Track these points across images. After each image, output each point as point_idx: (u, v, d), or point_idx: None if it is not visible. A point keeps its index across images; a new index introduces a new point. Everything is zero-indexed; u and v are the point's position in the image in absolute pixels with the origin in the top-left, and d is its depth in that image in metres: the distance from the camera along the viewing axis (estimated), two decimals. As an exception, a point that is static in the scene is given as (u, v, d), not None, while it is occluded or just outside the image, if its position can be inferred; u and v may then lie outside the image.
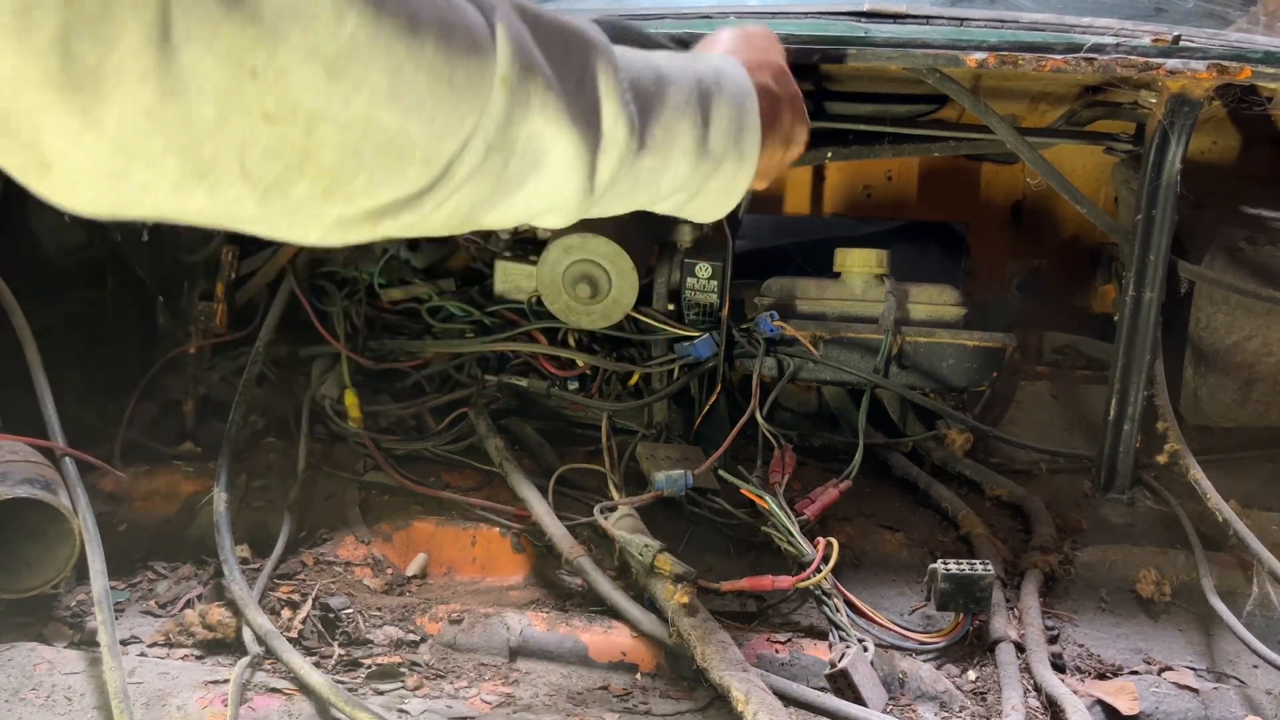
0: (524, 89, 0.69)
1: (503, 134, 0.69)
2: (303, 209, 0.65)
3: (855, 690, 1.08)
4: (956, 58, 1.35)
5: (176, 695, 1.04)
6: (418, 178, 0.66)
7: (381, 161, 0.63)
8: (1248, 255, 1.63)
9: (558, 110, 0.71)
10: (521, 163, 0.72)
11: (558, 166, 0.75)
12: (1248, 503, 1.46)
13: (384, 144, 0.62)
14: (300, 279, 1.66)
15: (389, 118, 0.62)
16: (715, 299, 1.58)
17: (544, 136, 0.72)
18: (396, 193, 0.67)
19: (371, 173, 0.64)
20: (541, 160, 0.74)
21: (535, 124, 0.70)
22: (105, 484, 1.42)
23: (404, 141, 0.63)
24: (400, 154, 0.64)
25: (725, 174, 0.89)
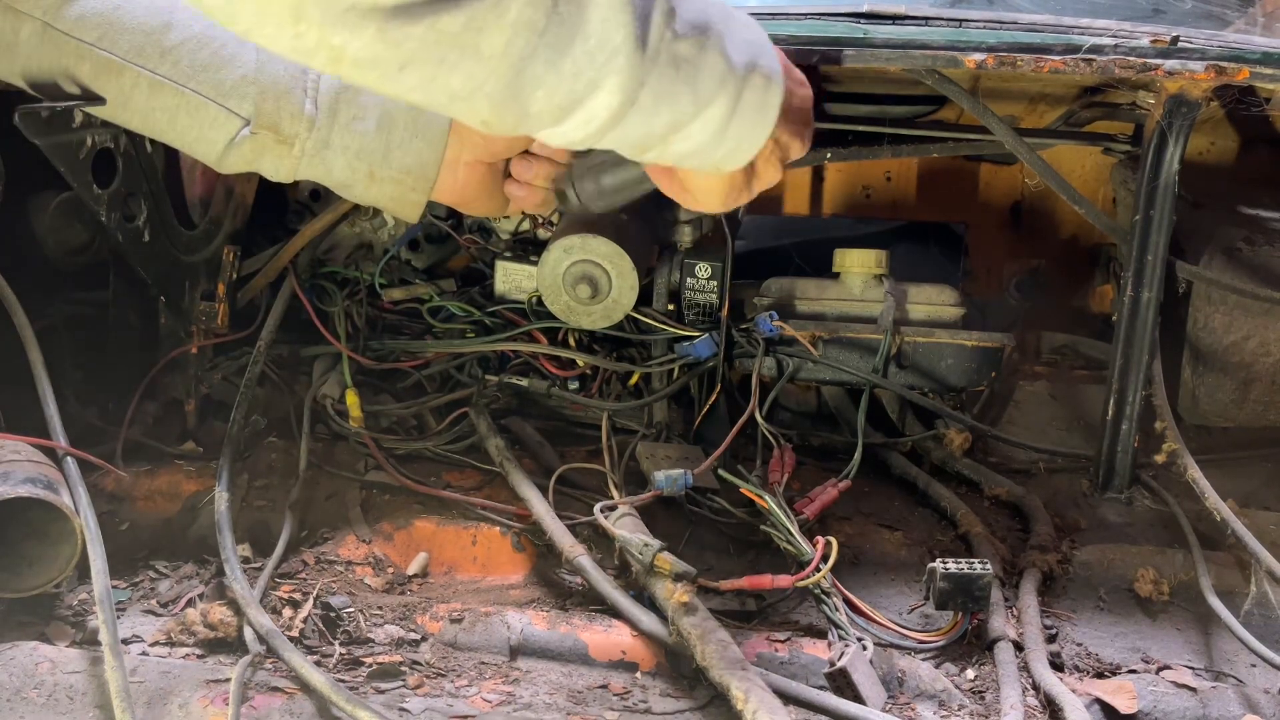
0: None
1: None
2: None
3: (854, 689, 1.08)
4: (955, 59, 1.35)
5: (178, 694, 1.05)
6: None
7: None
8: (1245, 255, 1.64)
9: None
10: (571, 3, 0.71)
11: (607, 9, 0.74)
12: (1246, 502, 1.47)
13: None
14: (302, 279, 1.66)
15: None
16: (715, 299, 1.59)
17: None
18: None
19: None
20: (589, 4, 0.73)
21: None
22: (107, 483, 1.42)
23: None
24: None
25: (756, 86, 0.88)
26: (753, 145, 0.93)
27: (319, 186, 1.71)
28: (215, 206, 1.62)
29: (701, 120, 0.87)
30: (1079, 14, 1.70)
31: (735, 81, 0.87)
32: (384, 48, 0.68)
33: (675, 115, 0.84)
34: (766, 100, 0.90)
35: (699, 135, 0.88)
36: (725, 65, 0.85)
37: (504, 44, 0.71)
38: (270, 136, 1.19)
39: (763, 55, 0.90)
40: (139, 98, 1.15)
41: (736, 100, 0.88)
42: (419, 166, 1.25)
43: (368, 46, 0.68)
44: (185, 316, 1.59)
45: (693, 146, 0.89)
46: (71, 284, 1.59)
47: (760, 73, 0.89)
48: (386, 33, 0.67)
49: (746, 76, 0.88)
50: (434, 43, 0.68)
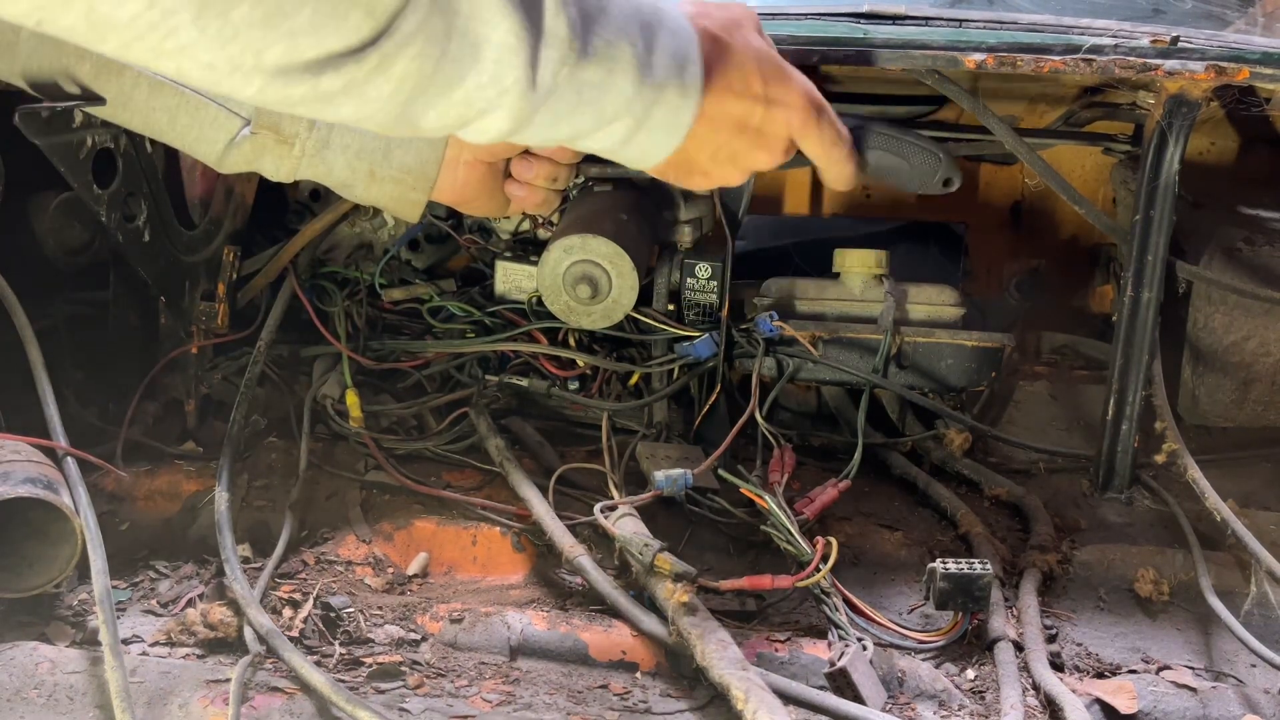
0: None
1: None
2: (242, 38, 0.64)
3: (854, 689, 1.08)
4: (955, 59, 1.35)
5: (178, 694, 1.05)
6: (360, 26, 0.67)
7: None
8: (1246, 255, 1.64)
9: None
10: (463, 44, 0.73)
11: (500, 50, 0.75)
12: (1246, 502, 1.47)
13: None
14: (302, 279, 1.66)
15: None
16: (715, 299, 1.59)
17: (487, 11, 0.73)
18: (339, 41, 0.67)
19: (315, 6, 0.64)
20: (482, 45, 0.74)
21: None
22: (107, 483, 1.42)
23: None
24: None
25: (669, 103, 0.89)
26: (660, 153, 0.94)
27: (319, 186, 1.71)
28: (215, 206, 1.62)
29: (604, 132, 0.89)
30: (1079, 14, 1.70)
31: (643, 101, 0.87)
32: (268, 99, 0.71)
33: (575, 129, 0.86)
34: (677, 117, 0.91)
35: (603, 142, 0.90)
36: (633, 89, 0.85)
37: (390, 91, 0.73)
38: (270, 136, 1.19)
39: (683, 71, 0.90)
40: (139, 97, 1.15)
41: (644, 117, 0.89)
42: (419, 166, 1.25)
43: (252, 98, 0.70)
44: (185, 316, 1.59)
45: (598, 148, 0.92)
46: (71, 284, 1.59)
47: (674, 88, 0.89)
48: (268, 91, 0.69)
49: (658, 95, 0.88)
50: (316, 97, 0.71)
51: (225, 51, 0.66)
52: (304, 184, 1.72)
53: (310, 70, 0.69)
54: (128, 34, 0.64)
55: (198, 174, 1.61)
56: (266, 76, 0.68)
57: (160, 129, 1.19)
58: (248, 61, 0.67)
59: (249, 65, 0.67)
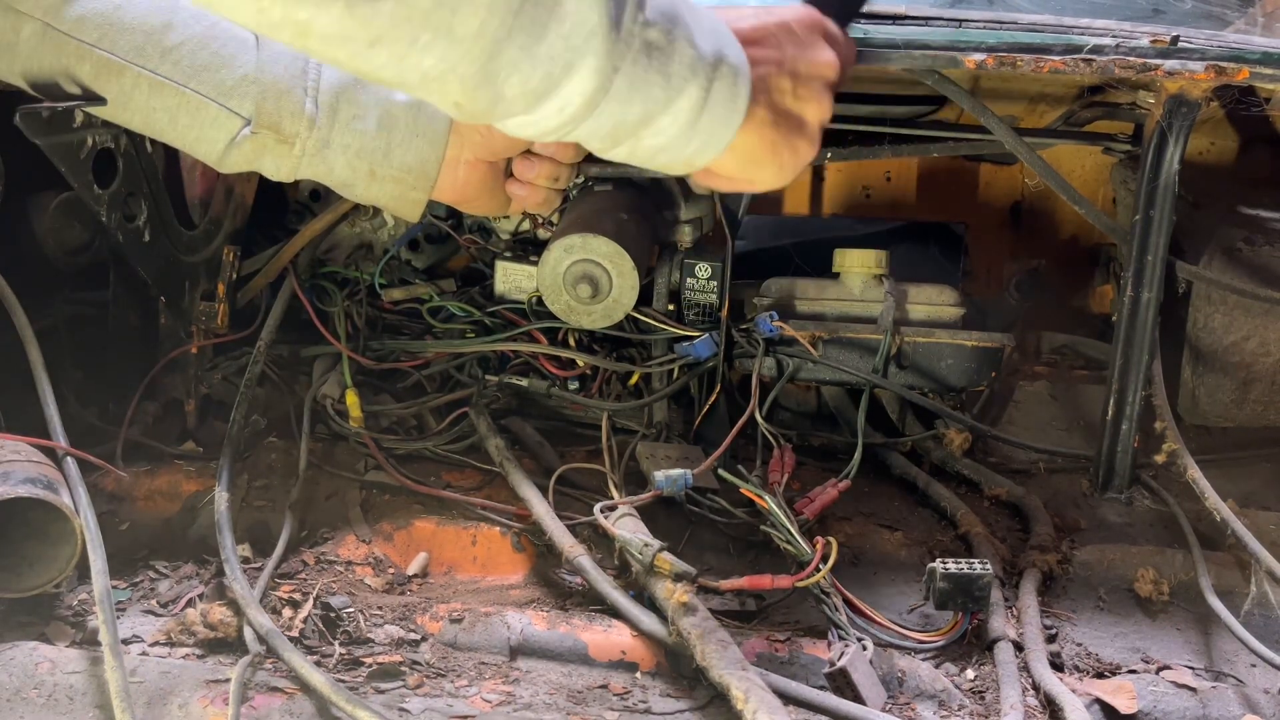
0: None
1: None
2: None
3: (854, 689, 1.08)
4: (955, 59, 1.35)
5: (178, 694, 1.05)
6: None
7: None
8: (1245, 255, 1.64)
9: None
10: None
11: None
12: (1246, 502, 1.47)
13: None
14: (302, 279, 1.66)
15: None
16: (715, 299, 1.59)
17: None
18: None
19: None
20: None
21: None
22: (107, 483, 1.42)
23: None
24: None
25: (725, 76, 0.87)
26: (723, 139, 0.92)
27: (319, 186, 1.71)
28: (215, 206, 1.62)
29: (673, 112, 0.86)
30: (1079, 14, 1.70)
31: (705, 70, 0.85)
32: (352, 24, 0.66)
33: (648, 105, 0.83)
34: (736, 91, 0.89)
35: (670, 129, 0.87)
36: (695, 54, 0.84)
37: (479, 24, 0.69)
38: (271, 136, 1.19)
39: (728, 47, 0.89)
40: (140, 98, 1.16)
41: (707, 90, 0.86)
42: (420, 165, 1.25)
43: (335, 22, 0.65)
44: (185, 316, 1.59)
45: (663, 141, 0.89)
46: (71, 284, 1.59)
47: (728, 64, 0.88)
48: (355, 8, 0.65)
49: (716, 66, 0.87)
50: (404, 20, 0.66)
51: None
52: (304, 184, 1.72)
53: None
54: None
55: (198, 174, 1.61)
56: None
57: (160, 129, 1.19)
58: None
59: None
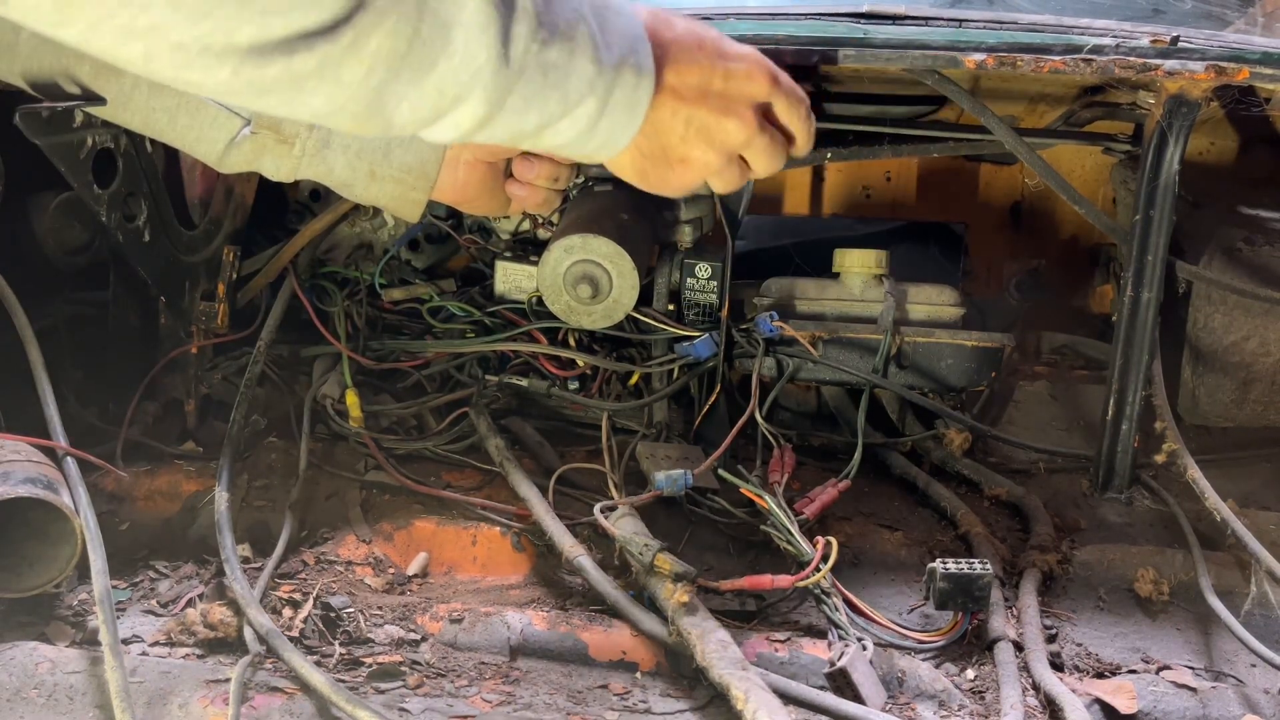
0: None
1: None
2: (214, 18, 0.64)
3: (854, 689, 1.08)
4: (955, 59, 1.35)
5: (178, 694, 1.05)
6: (333, 2, 0.67)
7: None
8: (1245, 255, 1.64)
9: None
10: (434, 24, 0.73)
11: (470, 29, 0.75)
12: (1245, 502, 1.47)
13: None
14: (302, 279, 1.66)
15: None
16: (715, 299, 1.59)
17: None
18: (312, 17, 0.67)
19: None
20: (453, 25, 0.74)
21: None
22: (107, 483, 1.42)
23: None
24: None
25: (627, 83, 0.89)
26: (624, 137, 0.94)
27: (319, 186, 1.71)
28: (215, 206, 1.62)
29: (571, 118, 0.88)
30: (1079, 14, 1.70)
31: (604, 82, 0.88)
32: (239, 84, 0.70)
33: (544, 116, 0.86)
34: (636, 96, 0.91)
35: (568, 131, 0.89)
36: (594, 68, 0.86)
37: (363, 73, 0.72)
38: (271, 136, 1.19)
39: (635, 52, 0.91)
40: (139, 97, 1.15)
41: (605, 99, 0.89)
42: (420, 165, 1.25)
43: (223, 84, 0.69)
44: (185, 316, 1.60)
45: (564, 140, 0.91)
46: (71, 284, 1.59)
47: (630, 69, 0.90)
48: (240, 73, 0.68)
49: (616, 75, 0.89)
50: (289, 79, 0.70)
51: (197, 29, 0.65)
52: (304, 184, 1.72)
53: (283, 49, 0.68)
54: (97, 12, 0.63)
55: (198, 174, 1.61)
56: (239, 57, 0.67)
57: (160, 129, 1.19)
58: (219, 41, 0.66)
59: (220, 45, 0.66)
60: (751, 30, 1.40)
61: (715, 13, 1.61)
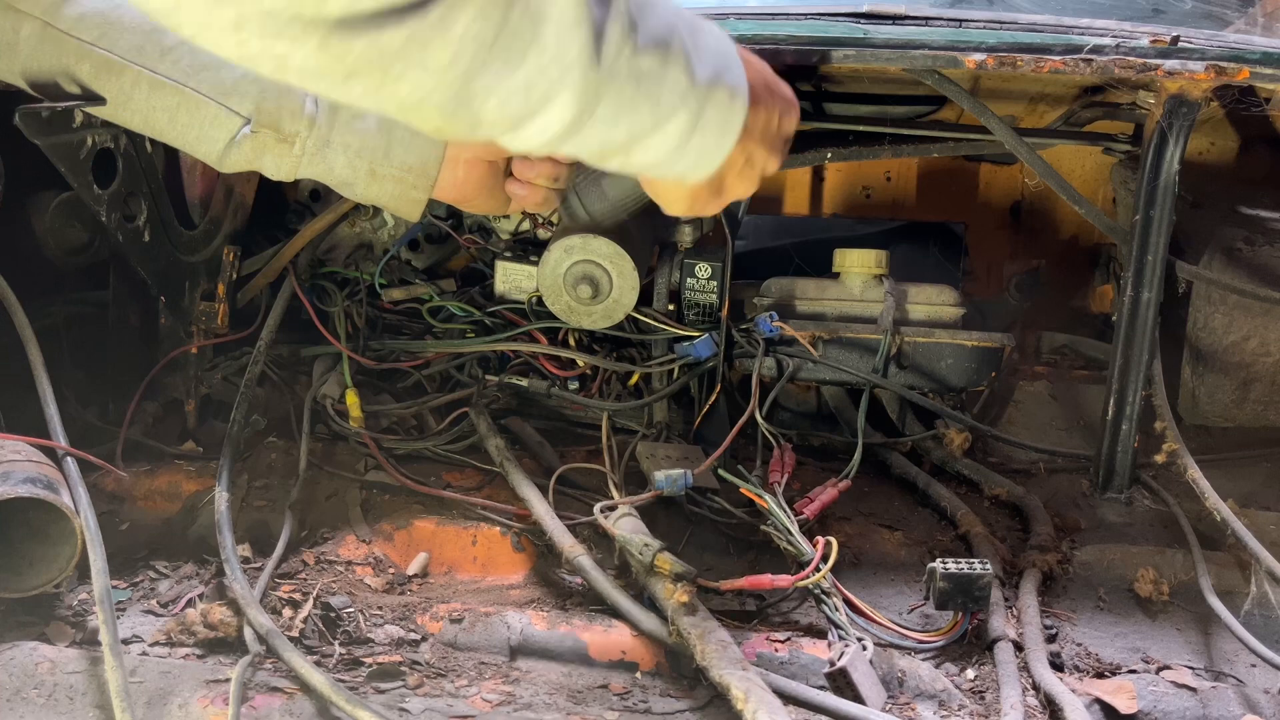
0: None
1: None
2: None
3: (854, 689, 1.08)
4: (955, 59, 1.35)
5: (178, 694, 1.05)
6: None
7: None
8: (1245, 255, 1.64)
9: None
10: (525, 14, 0.72)
11: (561, 25, 0.73)
12: (1245, 502, 1.47)
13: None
14: (302, 279, 1.66)
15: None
16: (715, 299, 1.59)
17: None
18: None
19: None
20: (543, 20, 0.73)
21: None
22: (107, 483, 1.42)
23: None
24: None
25: (721, 102, 0.88)
26: (715, 159, 0.93)
27: (319, 186, 1.71)
28: (215, 206, 1.62)
29: (662, 134, 0.86)
30: (1079, 14, 1.70)
31: (698, 97, 0.86)
32: (327, 60, 0.68)
33: (635, 128, 0.84)
34: (729, 117, 0.90)
35: (660, 147, 0.88)
36: (688, 81, 0.84)
37: (450, 57, 0.71)
38: (271, 135, 1.19)
39: (729, 70, 0.89)
40: (139, 97, 1.16)
41: (699, 116, 0.87)
42: (420, 164, 1.25)
43: (311, 57, 0.68)
44: (185, 316, 1.60)
45: (654, 158, 0.89)
46: (71, 284, 1.59)
47: (724, 88, 0.88)
48: (329, 46, 0.67)
49: (710, 92, 0.87)
50: (377, 56, 0.69)
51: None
52: (304, 184, 1.72)
53: (373, 22, 0.67)
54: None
55: (198, 174, 1.61)
56: (327, 28, 0.66)
57: (160, 129, 1.19)
58: (308, 9, 0.65)
59: (310, 14, 0.65)
60: (751, 30, 1.40)
61: (715, 13, 1.61)
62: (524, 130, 0.80)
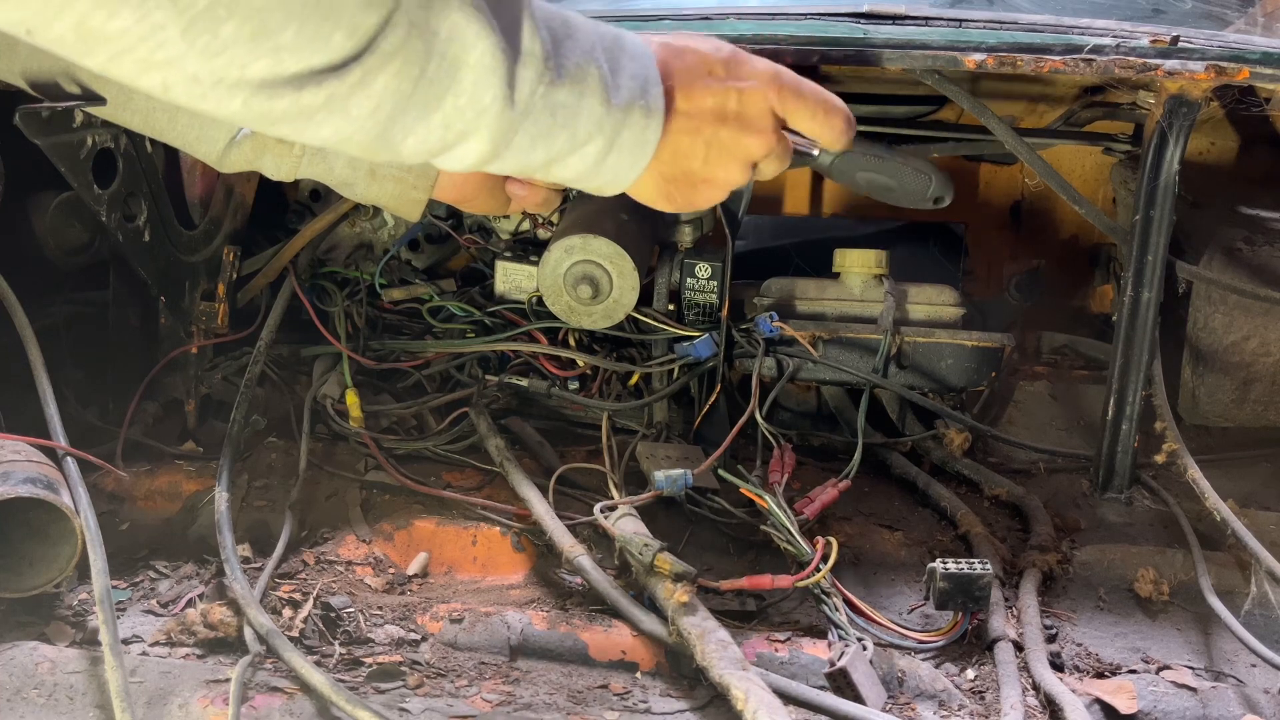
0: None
1: (425, 13, 0.72)
2: (229, 52, 0.67)
3: (854, 689, 1.08)
4: (955, 59, 1.35)
5: (178, 694, 1.05)
6: (341, 45, 0.70)
7: (310, 15, 0.67)
8: (1245, 255, 1.64)
9: (478, 10, 0.75)
10: (441, 65, 0.76)
11: (478, 70, 0.77)
12: (1245, 502, 1.47)
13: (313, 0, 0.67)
14: (302, 279, 1.66)
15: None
16: (715, 299, 1.59)
17: (465, 34, 0.75)
18: (322, 58, 0.70)
19: (300, 25, 0.67)
20: (460, 66, 0.76)
21: (456, 18, 0.74)
22: (107, 483, 1.42)
23: (331, 2, 0.67)
24: (327, 14, 0.68)
25: (636, 124, 0.91)
26: (631, 173, 0.96)
27: (319, 186, 1.71)
28: (215, 206, 1.62)
29: (579, 155, 0.90)
30: (1079, 14, 1.70)
31: (614, 121, 0.90)
32: (251, 116, 0.73)
33: (551, 153, 0.88)
34: (644, 136, 0.93)
35: (577, 167, 0.92)
36: (603, 108, 0.88)
37: (371, 108, 0.75)
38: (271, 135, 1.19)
39: (646, 91, 0.92)
40: (140, 97, 1.15)
41: (615, 138, 0.91)
42: (420, 165, 1.25)
43: (235, 114, 0.73)
44: (185, 316, 1.60)
45: (573, 174, 0.93)
46: (71, 284, 1.59)
47: (639, 110, 0.92)
48: (252, 105, 0.72)
49: (625, 116, 0.90)
50: (298, 112, 0.73)
51: (211, 64, 0.68)
52: (304, 184, 1.72)
53: (293, 84, 0.71)
54: (117, 45, 0.66)
55: (198, 174, 1.61)
56: (250, 90, 0.70)
57: (160, 129, 1.19)
58: (232, 75, 0.69)
59: (233, 78, 0.69)
60: (751, 30, 1.40)
61: (715, 13, 1.61)
62: (443, 159, 0.84)
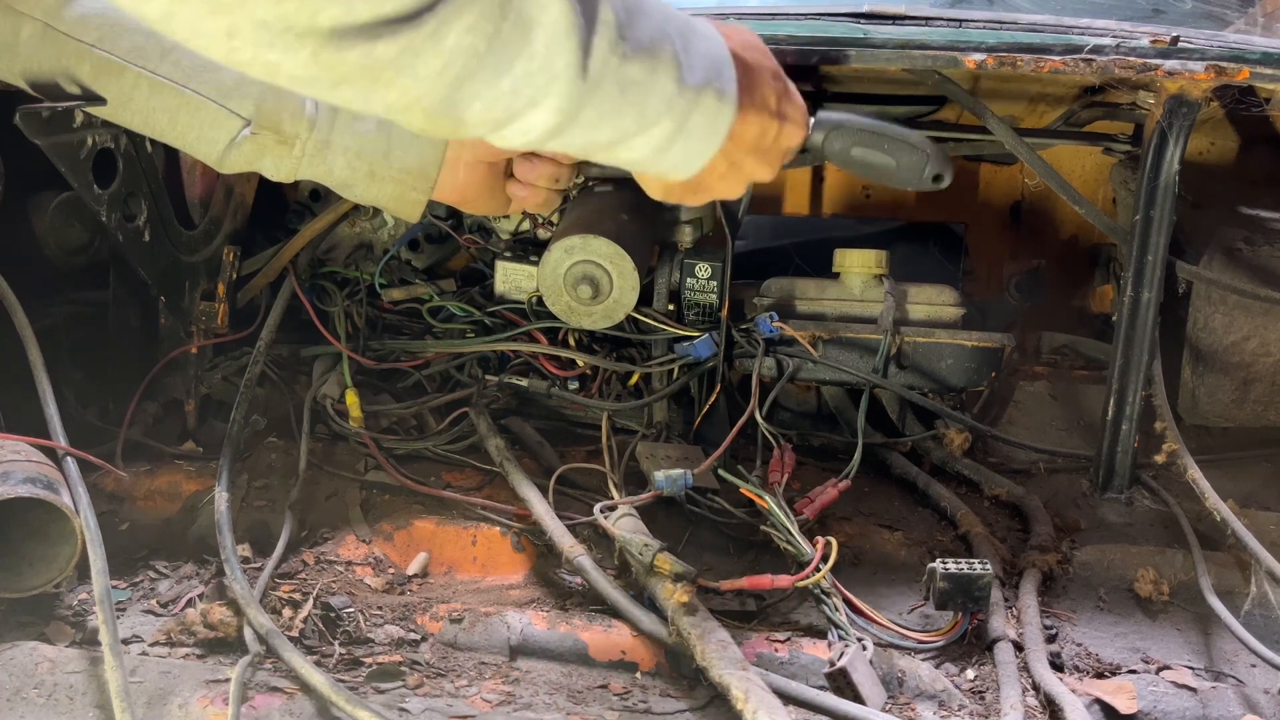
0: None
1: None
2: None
3: (854, 689, 1.08)
4: (955, 59, 1.35)
5: (178, 694, 1.05)
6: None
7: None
8: (1245, 255, 1.64)
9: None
10: (516, 24, 0.73)
11: (553, 32, 0.75)
12: (1245, 502, 1.47)
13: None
14: (302, 279, 1.66)
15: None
16: (715, 299, 1.59)
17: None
18: (396, 3, 0.67)
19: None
20: (534, 27, 0.74)
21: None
22: (107, 483, 1.42)
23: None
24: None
25: (708, 108, 0.89)
26: (697, 162, 0.94)
27: (319, 186, 1.71)
28: (215, 206, 1.62)
29: (646, 136, 0.88)
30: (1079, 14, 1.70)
31: (684, 103, 0.87)
32: (319, 69, 0.70)
33: (619, 131, 0.86)
34: (715, 122, 0.91)
35: (643, 148, 0.89)
36: (675, 88, 0.85)
37: (440, 66, 0.72)
38: (271, 136, 1.19)
39: (719, 77, 0.90)
40: (140, 98, 1.16)
41: (684, 121, 0.88)
42: (420, 166, 1.25)
43: (302, 66, 0.69)
44: (185, 316, 1.60)
45: (638, 156, 0.90)
46: (71, 284, 1.59)
47: (712, 93, 0.89)
48: (321, 56, 0.69)
49: (697, 98, 0.88)
50: (369, 65, 0.70)
51: (281, 9, 0.65)
52: (304, 184, 1.72)
53: (366, 34, 0.68)
54: None
55: (198, 174, 1.61)
56: (320, 39, 0.67)
57: (161, 129, 1.19)
58: (302, 21, 0.66)
59: (303, 25, 0.66)
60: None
61: (715, 13, 1.61)
62: (506, 130, 0.81)
